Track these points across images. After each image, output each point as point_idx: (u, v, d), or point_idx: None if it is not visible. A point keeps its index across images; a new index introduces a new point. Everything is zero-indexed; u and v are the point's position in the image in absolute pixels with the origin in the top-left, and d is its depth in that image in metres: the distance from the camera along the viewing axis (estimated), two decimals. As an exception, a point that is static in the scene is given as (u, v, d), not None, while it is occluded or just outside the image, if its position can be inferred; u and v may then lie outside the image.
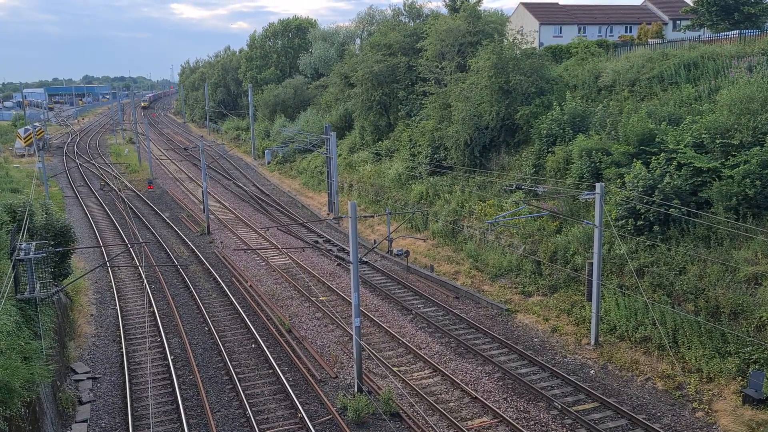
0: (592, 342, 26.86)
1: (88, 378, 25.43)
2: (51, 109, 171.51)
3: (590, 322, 27.18)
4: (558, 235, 32.65)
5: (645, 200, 27.74)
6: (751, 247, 25.06)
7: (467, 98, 42.47)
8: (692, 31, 56.15)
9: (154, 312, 32.04)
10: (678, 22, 72.15)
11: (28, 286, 21.62)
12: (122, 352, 27.62)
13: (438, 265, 37.76)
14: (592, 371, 25.25)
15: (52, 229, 27.54)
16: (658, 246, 27.61)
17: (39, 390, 18.57)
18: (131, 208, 55.18)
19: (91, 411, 23.05)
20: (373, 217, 45.26)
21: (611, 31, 75.14)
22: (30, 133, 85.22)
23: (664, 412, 22.05)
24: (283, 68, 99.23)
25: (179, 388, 24.31)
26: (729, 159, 27.30)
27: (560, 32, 72.75)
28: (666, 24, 74.43)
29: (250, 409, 22.56)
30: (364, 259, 39.40)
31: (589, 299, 27.19)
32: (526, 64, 41.20)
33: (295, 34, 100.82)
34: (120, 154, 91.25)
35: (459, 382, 24.31)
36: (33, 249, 22.01)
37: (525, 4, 76.07)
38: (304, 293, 34.54)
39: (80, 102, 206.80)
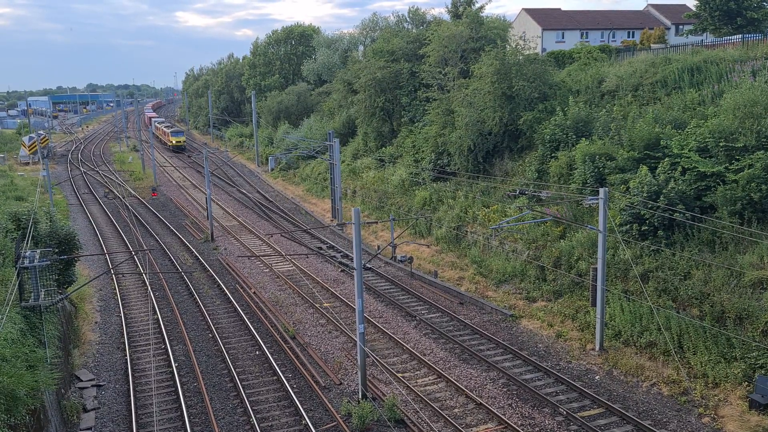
0: (597, 347, 26.76)
1: (92, 385, 25.42)
2: (55, 117, 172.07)
3: (595, 328, 27.09)
4: (562, 241, 32.60)
5: (649, 205, 27.69)
6: (756, 251, 24.97)
7: (470, 104, 42.51)
8: (695, 36, 56.14)
9: (158, 319, 32.05)
10: (680, 26, 72.09)
11: (32, 294, 21.65)
12: (126, 359, 27.63)
13: (442, 271, 37.72)
14: (597, 377, 25.15)
15: (56, 237, 27.60)
16: (662, 251, 27.54)
17: (44, 398, 18.58)
18: (135, 216, 55.29)
19: (96, 418, 23.04)
20: (376, 223, 45.28)
21: (614, 37, 75.19)
22: (34, 141, 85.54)
23: (670, 418, 21.94)
24: (286, 75, 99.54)
25: (183, 395, 24.29)
26: (733, 163, 27.25)
27: (563, 38, 72.83)
28: (668, 29, 74.42)
29: (255, 416, 22.52)
30: (368, 265, 39.35)
31: (594, 304, 27.12)
32: (528, 69, 41.24)
33: (298, 41, 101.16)
34: (124, 162, 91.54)
35: (463, 388, 24.24)
36: (37, 257, 22.06)
37: (527, 10, 76.17)
38: (308, 300, 34.53)
39: (84, 110, 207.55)
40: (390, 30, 68.23)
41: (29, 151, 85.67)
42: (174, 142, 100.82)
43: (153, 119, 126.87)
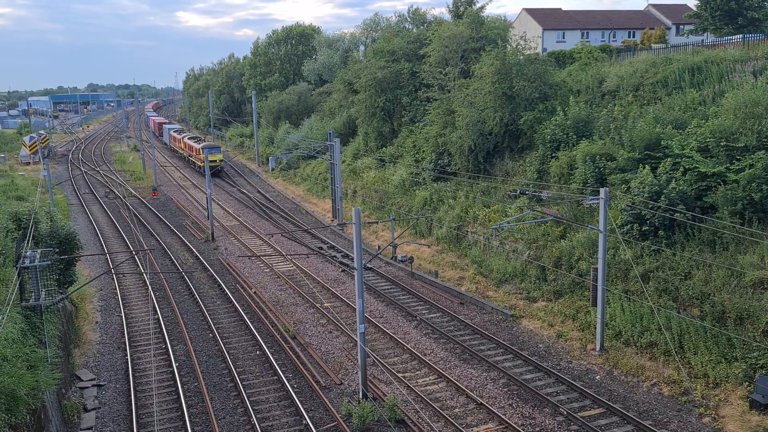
0: (598, 347, 26.75)
1: (93, 385, 25.43)
2: (56, 117, 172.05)
3: (595, 328, 27.08)
4: (562, 241, 32.59)
5: (650, 206, 27.68)
6: (757, 251, 24.97)
7: (471, 104, 42.51)
8: (695, 36, 56.11)
9: (158, 319, 32.06)
10: (681, 26, 72.07)
11: (33, 294, 21.66)
12: (127, 359, 27.63)
13: (442, 271, 37.71)
14: (597, 377, 25.14)
15: (57, 237, 27.58)
16: (663, 251, 27.54)
17: (44, 397, 18.58)
18: (136, 216, 55.31)
19: (96, 418, 23.05)
20: (377, 223, 45.28)
21: (614, 37, 75.14)
22: (35, 141, 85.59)
23: (671, 418, 21.94)
24: (287, 75, 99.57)
25: (184, 395, 24.29)
26: (734, 163, 27.25)
27: (563, 38, 72.78)
28: (669, 29, 74.36)
29: (255, 416, 22.52)
30: (369, 265, 39.36)
31: (594, 304, 27.12)
32: (529, 69, 41.23)
33: (298, 41, 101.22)
34: (125, 162, 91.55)
35: (464, 388, 24.24)
36: (38, 257, 22.07)
37: (528, 10, 76.13)
38: (308, 299, 34.53)
39: (85, 110, 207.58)
40: (391, 30, 68.22)
41: (30, 151, 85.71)
42: (209, 161, 64.47)
43: (164, 125, 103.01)
